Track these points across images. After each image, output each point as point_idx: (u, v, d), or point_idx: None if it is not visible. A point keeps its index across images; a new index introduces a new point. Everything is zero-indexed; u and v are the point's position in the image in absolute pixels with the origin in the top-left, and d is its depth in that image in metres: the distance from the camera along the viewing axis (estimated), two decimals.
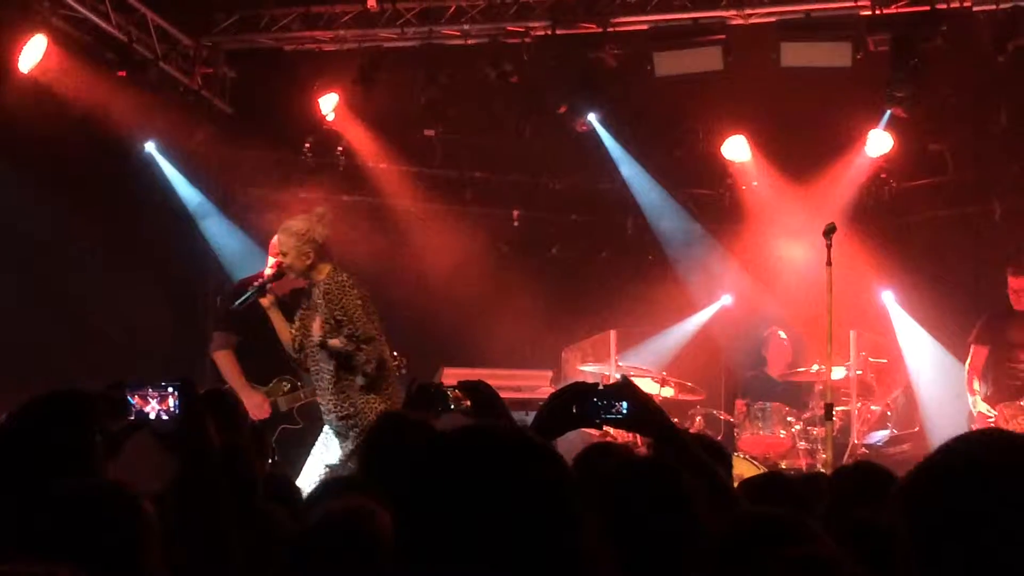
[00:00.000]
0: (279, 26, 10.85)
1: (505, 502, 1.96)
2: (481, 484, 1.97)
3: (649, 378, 10.69)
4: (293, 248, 7.71)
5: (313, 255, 7.72)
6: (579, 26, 10.36)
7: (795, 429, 10.57)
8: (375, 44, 10.85)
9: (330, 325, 7.62)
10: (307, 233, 7.73)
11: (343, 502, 3.15)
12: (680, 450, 3.48)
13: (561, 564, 1.97)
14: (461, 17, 10.58)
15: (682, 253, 12.62)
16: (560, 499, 2.01)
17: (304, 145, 11.61)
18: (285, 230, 7.78)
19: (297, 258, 7.70)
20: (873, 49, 9.96)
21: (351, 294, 7.66)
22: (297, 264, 7.72)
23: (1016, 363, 9.97)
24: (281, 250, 7.76)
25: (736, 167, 12.23)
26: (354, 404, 7.68)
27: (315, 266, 7.75)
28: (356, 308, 7.64)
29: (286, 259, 7.74)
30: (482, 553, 1.94)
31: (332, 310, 7.63)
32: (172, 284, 11.03)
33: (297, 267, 7.74)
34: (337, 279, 7.70)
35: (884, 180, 12.01)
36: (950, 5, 9.74)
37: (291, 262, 7.73)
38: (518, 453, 2.03)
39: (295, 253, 7.70)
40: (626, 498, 3.15)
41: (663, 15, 10.32)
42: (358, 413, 7.66)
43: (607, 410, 3.50)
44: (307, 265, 7.73)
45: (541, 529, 1.96)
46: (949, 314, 10.96)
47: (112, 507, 2.94)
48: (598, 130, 11.45)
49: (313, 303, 7.78)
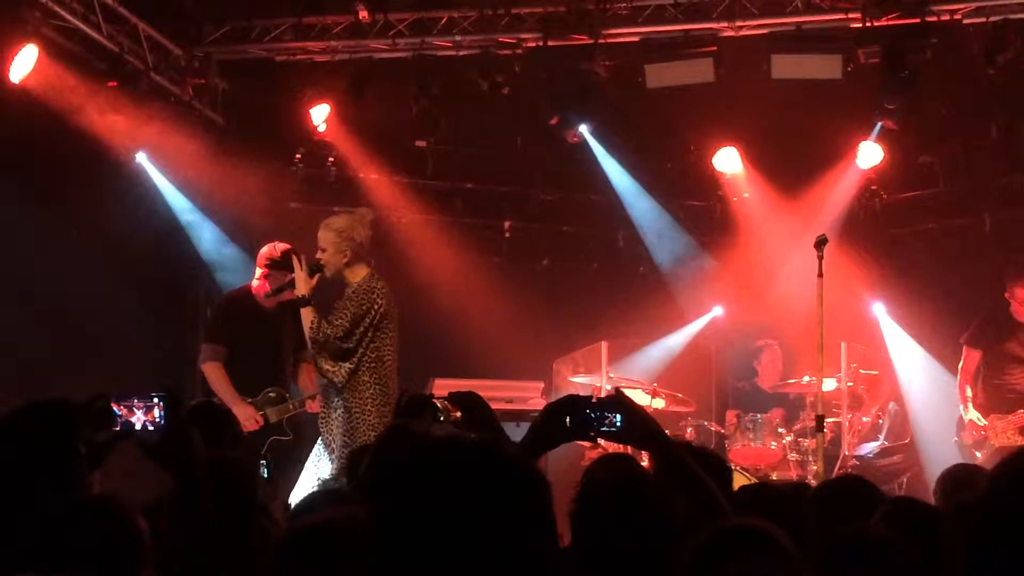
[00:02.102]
0: (271, 37, 10.84)
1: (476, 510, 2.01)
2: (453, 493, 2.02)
3: (640, 389, 10.69)
4: (332, 244, 7.68)
5: (351, 254, 7.69)
6: (571, 37, 10.37)
7: (786, 441, 10.58)
8: (367, 55, 10.84)
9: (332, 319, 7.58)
10: (347, 231, 7.70)
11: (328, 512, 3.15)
12: (674, 463, 3.47)
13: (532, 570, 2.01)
14: (453, 28, 10.58)
15: (673, 265, 12.62)
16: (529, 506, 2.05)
17: (295, 156, 11.60)
18: (326, 226, 7.74)
19: (334, 255, 7.67)
20: (864, 61, 9.98)
21: (375, 302, 7.61)
22: (333, 261, 7.69)
23: (1008, 376, 9.95)
24: (320, 246, 7.71)
25: (727, 179, 12.25)
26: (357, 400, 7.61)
27: (351, 266, 7.71)
28: (363, 316, 7.59)
29: (323, 255, 7.70)
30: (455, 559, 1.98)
31: (345, 307, 7.61)
32: (162, 294, 11.01)
33: (333, 264, 7.71)
34: (370, 283, 7.68)
35: (875, 192, 12.03)
36: (940, 18, 9.76)
37: (328, 259, 7.70)
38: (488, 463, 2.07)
39: (333, 250, 7.68)
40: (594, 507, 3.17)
41: (654, 27, 10.33)
42: (352, 411, 7.59)
43: (601, 422, 3.50)
44: (343, 263, 7.70)
45: (510, 536, 2.01)
46: (939, 326, 10.97)
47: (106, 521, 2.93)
48: (589, 142, 11.46)
49: (341, 303, 7.76)
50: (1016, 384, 9.93)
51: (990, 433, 9.91)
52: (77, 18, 9.70)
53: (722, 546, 2.84)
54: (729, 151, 11.90)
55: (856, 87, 10.19)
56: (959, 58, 10.08)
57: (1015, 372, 9.95)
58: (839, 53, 9.97)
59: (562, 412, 3.56)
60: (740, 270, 12.39)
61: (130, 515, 2.98)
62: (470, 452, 2.10)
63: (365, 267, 7.75)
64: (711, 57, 10.16)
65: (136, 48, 10.30)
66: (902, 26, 9.79)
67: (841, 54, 9.96)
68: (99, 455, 3.36)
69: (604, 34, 10.34)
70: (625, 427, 3.48)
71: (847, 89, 10.19)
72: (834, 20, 10.04)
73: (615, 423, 3.47)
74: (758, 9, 10.09)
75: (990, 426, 9.92)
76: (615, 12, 10.32)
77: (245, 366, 8.53)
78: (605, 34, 10.34)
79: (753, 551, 2.84)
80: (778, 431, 10.61)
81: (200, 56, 10.93)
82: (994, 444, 9.87)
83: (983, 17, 9.73)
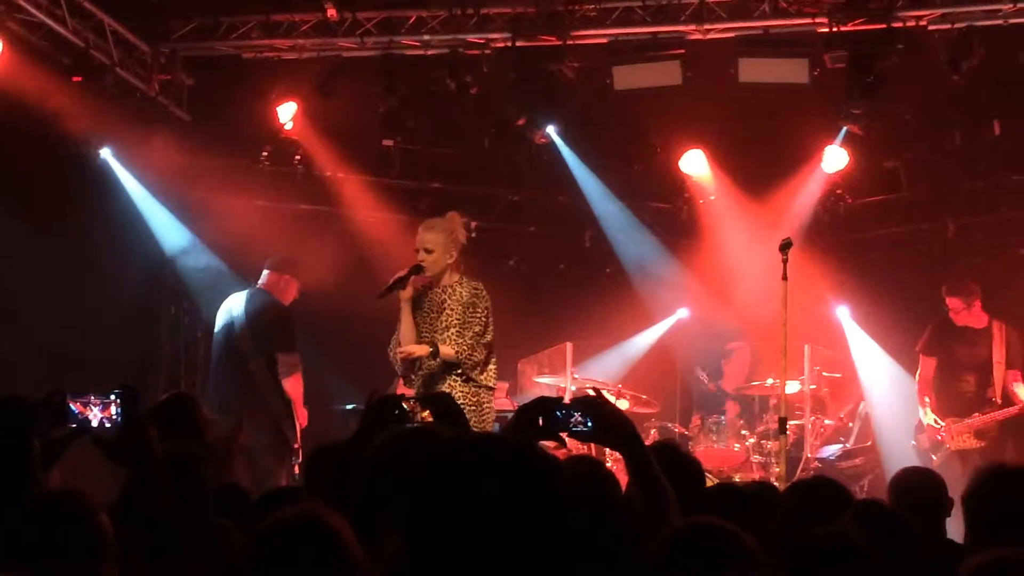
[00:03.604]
0: (238, 34, 10.80)
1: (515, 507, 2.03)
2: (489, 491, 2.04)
3: (605, 390, 10.71)
4: (440, 245, 7.77)
5: (456, 254, 7.82)
6: (539, 38, 10.36)
7: (749, 443, 10.64)
8: (334, 53, 10.81)
9: (460, 330, 7.70)
10: (454, 232, 7.83)
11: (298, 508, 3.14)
12: (641, 465, 3.49)
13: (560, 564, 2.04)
14: (421, 28, 10.56)
15: (639, 266, 12.65)
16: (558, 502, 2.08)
17: (262, 154, 11.57)
18: (432, 227, 7.84)
19: (442, 255, 7.77)
20: (830, 66, 10.02)
21: (487, 300, 7.79)
22: (440, 261, 7.78)
23: (961, 382, 10.10)
24: (425, 247, 7.78)
25: (693, 181, 12.28)
26: (480, 405, 7.74)
27: (453, 267, 7.84)
28: (488, 314, 7.79)
29: (431, 255, 7.76)
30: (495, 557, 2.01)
31: (467, 314, 7.72)
32: (125, 293, 10.95)
33: (440, 264, 7.79)
34: (475, 285, 7.83)
35: (839, 196, 12.10)
36: (906, 24, 9.82)
37: (436, 259, 7.77)
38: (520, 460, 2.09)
39: (441, 250, 7.77)
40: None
41: (623, 29, 10.34)
42: (483, 405, 7.80)
43: (572, 423, 3.52)
44: (447, 264, 7.82)
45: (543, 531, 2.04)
46: (902, 330, 11.04)
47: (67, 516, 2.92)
48: (557, 143, 11.46)
49: (435, 304, 7.83)
50: (968, 388, 10.07)
51: (947, 437, 10.02)
52: (42, 12, 9.64)
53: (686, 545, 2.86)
54: (695, 154, 11.93)
55: (822, 92, 10.23)
56: (924, 64, 10.13)
57: (967, 376, 10.09)
58: (806, 57, 10.02)
59: (534, 412, 3.58)
60: (705, 272, 12.43)
61: (91, 510, 2.97)
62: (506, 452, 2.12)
63: (457, 269, 7.88)
64: (679, 60, 10.18)
65: (102, 43, 10.24)
66: (868, 32, 9.84)
67: (808, 58, 10.00)
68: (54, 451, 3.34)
69: (572, 35, 10.34)
70: (596, 428, 3.50)
71: (813, 93, 10.23)
72: (801, 25, 10.07)
73: (586, 424, 3.49)
74: (726, 12, 10.12)
75: (947, 429, 10.03)
76: (583, 14, 10.32)
77: None
78: (573, 35, 10.35)
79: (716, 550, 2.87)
80: (741, 433, 10.67)
81: (166, 52, 10.86)
82: (950, 448, 9.98)
83: (948, 24, 9.79)
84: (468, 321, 7.72)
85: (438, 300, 7.83)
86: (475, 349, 7.70)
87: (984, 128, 10.87)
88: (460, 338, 7.68)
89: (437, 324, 7.78)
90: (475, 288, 7.81)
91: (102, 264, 10.49)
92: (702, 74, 10.31)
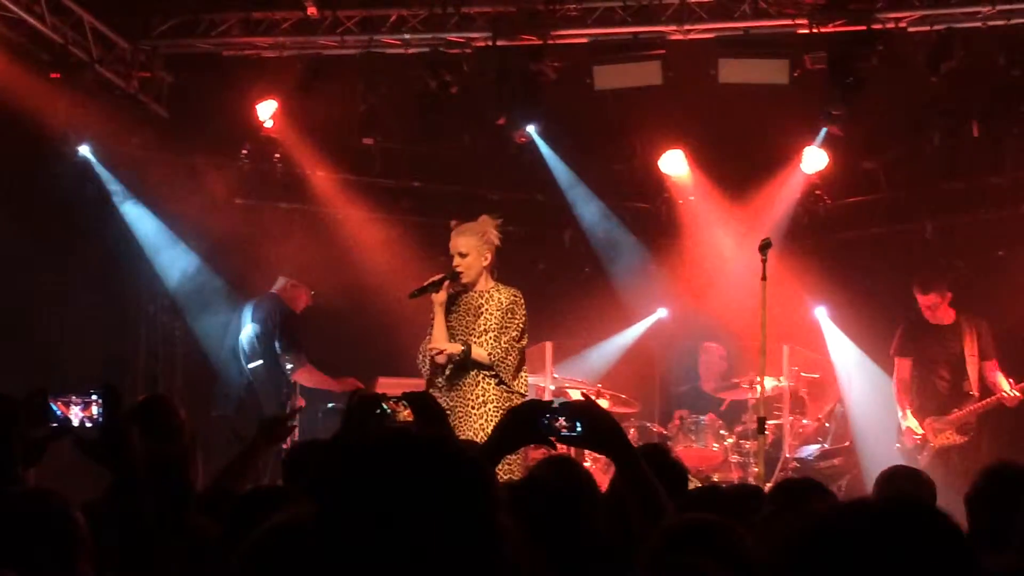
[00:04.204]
0: (218, 31, 10.76)
1: (421, 502, 1.99)
2: (396, 485, 2.00)
3: (584, 390, 10.73)
4: (475, 248, 7.77)
5: (491, 257, 7.82)
6: (520, 38, 10.36)
7: (728, 443, 10.67)
8: (315, 51, 10.79)
9: (497, 334, 7.68)
10: (486, 234, 7.82)
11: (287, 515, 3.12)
12: (631, 469, 3.49)
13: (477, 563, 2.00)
14: (402, 26, 10.55)
15: (619, 266, 12.66)
16: (476, 499, 2.04)
17: (241, 151, 11.53)
18: (464, 231, 7.82)
19: (477, 259, 7.76)
20: (810, 67, 10.06)
21: (524, 307, 7.81)
22: (476, 264, 7.78)
23: (938, 378, 10.16)
24: (460, 251, 7.78)
25: (673, 181, 12.29)
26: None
27: (487, 270, 7.84)
28: (525, 321, 7.79)
29: (466, 259, 7.75)
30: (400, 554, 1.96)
31: (505, 319, 7.71)
32: (104, 290, 10.90)
33: (476, 268, 7.79)
34: (514, 292, 7.83)
35: (819, 197, 12.14)
36: (886, 26, 9.85)
37: (471, 262, 7.77)
38: (432, 454, 2.05)
39: (476, 254, 7.77)
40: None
41: (603, 29, 10.35)
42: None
43: (562, 427, 3.53)
44: (483, 267, 7.81)
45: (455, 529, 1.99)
46: (880, 330, 11.07)
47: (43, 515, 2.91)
48: (537, 142, 11.47)
49: (471, 308, 7.81)
50: (944, 385, 10.14)
51: (929, 436, 10.07)
52: (21, 8, 9.58)
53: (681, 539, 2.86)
54: (675, 154, 11.94)
55: (802, 92, 10.26)
56: (904, 66, 10.18)
57: (943, 373, 10.16)
58: (786, 58, 10.04)
59: (524, 416, 3.58)
60: (685, 272, 12.45)
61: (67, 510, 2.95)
62: (417, 446, 2.08)
63: (492, 272, 7.89)
64: (659, 60, 10.20)
65: (81, 40, 10.19)
66: (848, 33, 9.88)
67: (788, 59, 10.03)
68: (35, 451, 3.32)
69: (553, 35, 10.34)
70: (585, 433, 3.50)
71: (793, 94, 10.26)
72: (781, 26, 10.09)
73: (575, 428, 3.50)
74: (706, 13, 10.13)
75: (928, 429, 10.08)
76: (564, 13, 10.33)
77: None
78: (554, 35, 10.35)
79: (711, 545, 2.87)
80: (720, 433, 10.70)
81: (146, 49, 10.81)
82: (934, 446, 10.03)
83: (928, 26, 9.84)
84: (506, 326, 7.71)
85: (475, 304, 7.81)
86: (509, 353, 7.68)
87: (963, 130, 10.91)
88: (496, 342, 7.66)
89: (474, 327, 7.74)
90: (514, 294, 7.81)
91: (79, 262, 10.44)
92: (682, 74, 10.33)
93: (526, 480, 3.63)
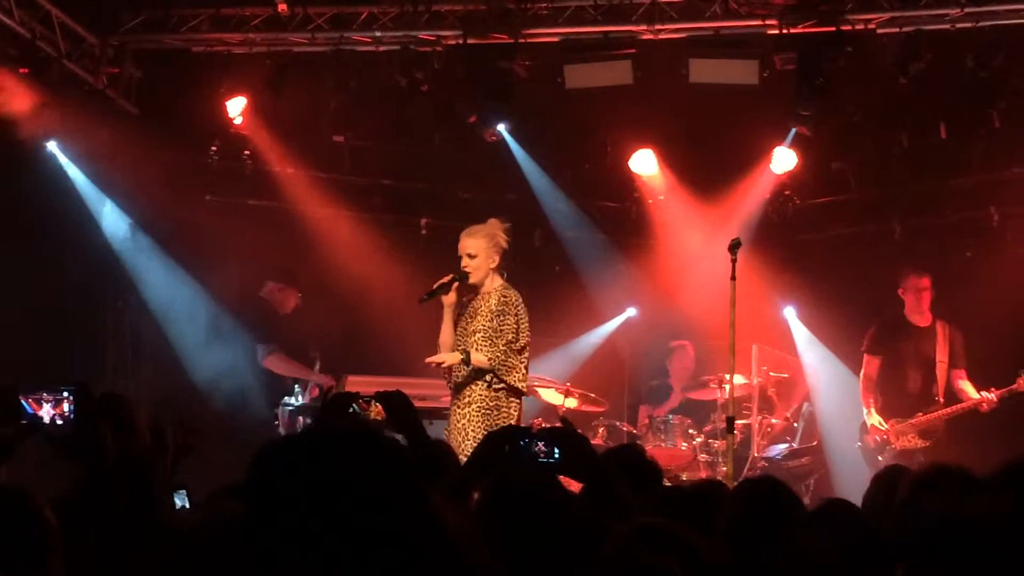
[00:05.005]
0: (188, 27, 10.70)
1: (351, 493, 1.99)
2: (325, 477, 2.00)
3: (553, 388, 10.74)
4: (484, 250, 7.89)
5: (499, 259, 7.92)
6: (491, 36, 10.36)
7: (696, 442, 10.70)
8: (285, 48, 10.76)
9: (487, 335, 7.76)
10: (496, 237, 7.94)
11: (224, 508, 3.11)
12: (606, 495, 3.50)
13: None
14: (372, 24, 10.53)
15: (588, 265, 12.67)
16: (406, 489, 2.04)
17: (211, 148, 11.47)
18: (474, 233, 7.94)
19: (486, 260, 7.87)
20: (780, 68, 10.09)
21: (518, 307, 7.86)
22: (484, 266, 7.89)
23: (906, 379, 10.21)
24: (468, 252, 7.89)
25: (643, 181, 12.31)
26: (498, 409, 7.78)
27: (495, 272, 7.93)
28: (519, 320, 7.85)
29: (474, 260, 7.87)
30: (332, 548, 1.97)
31: (497, 323, 7.79)
32: (72, 286, 10.83)
33: (483, 269, 7.90)
34: (505, 294, 7.88)
35: (788, 197, 12.19)
36: (855, 27, 9.90)
37: (479, 264, 7.87)
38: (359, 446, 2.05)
39: (484, 255, 7.88)
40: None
41: (574, 28, 10.36)
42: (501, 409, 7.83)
43: (539, 453, 3.54)
44: (490, 269, 7.92)
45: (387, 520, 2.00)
46: (848, 330, 11.13)
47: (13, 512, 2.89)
48: (507, 141, 11.46)
49: (472, 311, 7.92)
50: (913, 386, 10.18)
51: (891, 436, 10.12)
52: None
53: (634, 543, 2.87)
54: (646, 153, 11.96)
55: (772, 93, 10.29)
56: (873, 67, 10.23)
57: (912, 374, 10.20)
58: (756, 59, 10.07)
59: (501, 441, 3.59)
60: (654, 271, 12.47)
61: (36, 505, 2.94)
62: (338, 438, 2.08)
63: (498, 274, 7.97)
64: (630, 59, 10.21)
65: (49, 35, 10.12)
66: (818, 34, 9.92)
67: (758, 60, 10.06)
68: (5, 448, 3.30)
69: (524, 33, 10.35)
70: (563, 460, 3.51)
71: (763, 94, 10.29)
72: (752, 26, 10.13)
73: (553, 454, 3.51)
74: (677, 13, 10.16)
75: (891, 430, 10.13)
76: (535, 12, 10.33)
77: None
78: (525, 33, 10.36)
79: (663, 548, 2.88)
80: (688, 432, 10.72)
81: (115, 45, 10.75)
82: (895, 448, 10.08)
83: (897, 28, 9.89)
84: (500, 329, 7.81)
85: (476, 307, 7.95)
86: (508, 355, 7.79)
87: (931, 131, 10.98)
88: (492, 345, 7.77)
89: (468, 329, 7.89)
90: (504, 297, 7.88)
91: (48, 257, 10.37)
92: (653, 74, 10.35)
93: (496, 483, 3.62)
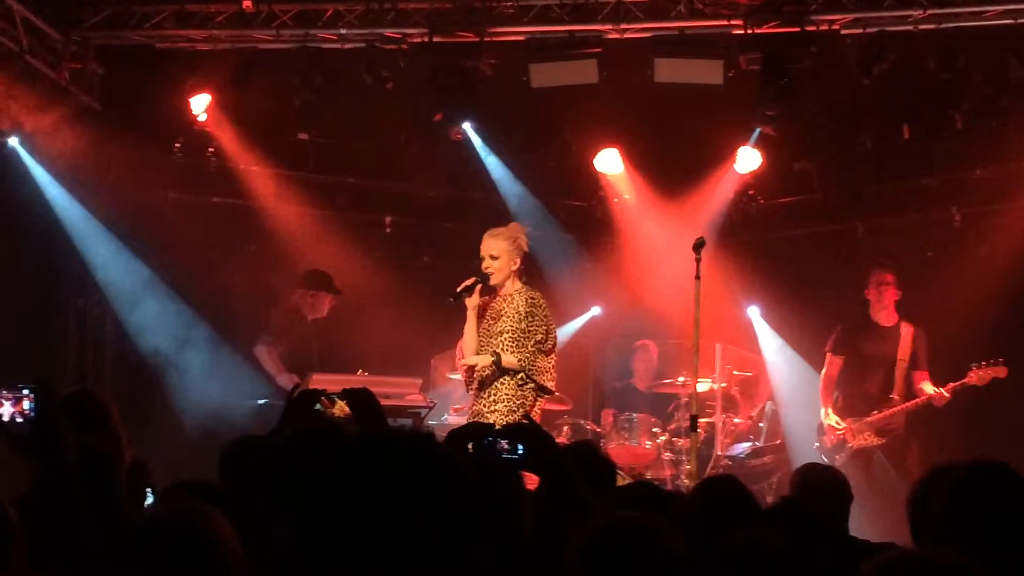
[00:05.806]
0: (151, 23, 10.63)
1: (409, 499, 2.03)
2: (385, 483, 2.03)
3: None
4: (506, 252, 7.97)
5: (520, 262, 8.00)
6: (456, 34, 10.35)
7: (660, 440, 10.74)
8: (250, 45, 10.71)
9: (514, 336, 7.85)
10: (517, 240, 8.01)
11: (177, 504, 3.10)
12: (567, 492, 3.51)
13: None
14: (338, 21, 10.50)
15: (553, 263, 12.66)
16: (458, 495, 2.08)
17: (174, 145, 11.41)
18: (497, 235, 8.03)
19: (507, 262, 7.95)
20: (745, 68, 10.14)
21: (544, 308, 7.98)
22: (505, 268, 7.97)
23: (867, 380, 10.25)
24: (491, 254, 7.98)
25: (608, 180, 12.33)
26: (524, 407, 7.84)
27: (516, 274, 8.00)
28: (547, 321, 7.95)
29: (496, 262, 7.96)
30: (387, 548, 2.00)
31: (526, 324, 7.88)
32: (33, 283, 10.75)
33: (505, 271, 7.98)
34: (532, 296, 7.99)
35: (752, 197, 12.24)
36: (820, 28, 9.96)
37: (501, 265, 7.95)
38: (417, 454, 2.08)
39: (507, 257, 7.97)
40: None
41: (540, 27, 10.36)
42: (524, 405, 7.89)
43: (502, 450, 3.56)
44: (511, 271, 7.99)
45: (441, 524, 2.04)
46: (812, 329, 11.18)
47: None
48: (472, 139, 11.46)
49: (495, 312, 8.00)
50: (872, 386, 10.23)
51: (848, 436, 10.17)
52: None
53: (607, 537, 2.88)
54: (611, 152, 11.98)
55: (736, 93, 10.33)
56: (836, 68, 10.29)
57: (873, 375, 10.25)
58: (721, 59, 10.11)
59: (464, 438, 3.60)
60: (619, 270, 12.49)
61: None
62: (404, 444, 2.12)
63: (519, 277, 8.05)
64: (595, 59, 10.23)
65: (10, 29, 10.03)
66: (782, 34, 9.97)
67: (723, 60, 10.10)
68: None
69: (490, 32, 10.35)
70: (527, 456, 3.53)
71: (728, 95, 10.33)
72: (717, 26, 10.17)
73: (516, 451, 3.53)
74: (642, 12, 10.18)
75: (848, 429, 10.18)
76: (501, 11, 10.33)
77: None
78: (491, 32, 10.36)
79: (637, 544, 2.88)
80: (652, 431, 10.76)
81: (78, 40, 10.67)
82: (852, 446, 10.14)
83: (860, 28, 9.95)
84: (529, 331, 7.90)
85: (498, 308, 8.02)
86: (537, 356, 7.89)
87: (894, 132, 11.05)
88: (520, 347, 7.86)
89: (493, 330, 7.97)
90: (531, 298, 7.98)
91: (7, 254, 10.29)
92: (618, 73, 10.38)
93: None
